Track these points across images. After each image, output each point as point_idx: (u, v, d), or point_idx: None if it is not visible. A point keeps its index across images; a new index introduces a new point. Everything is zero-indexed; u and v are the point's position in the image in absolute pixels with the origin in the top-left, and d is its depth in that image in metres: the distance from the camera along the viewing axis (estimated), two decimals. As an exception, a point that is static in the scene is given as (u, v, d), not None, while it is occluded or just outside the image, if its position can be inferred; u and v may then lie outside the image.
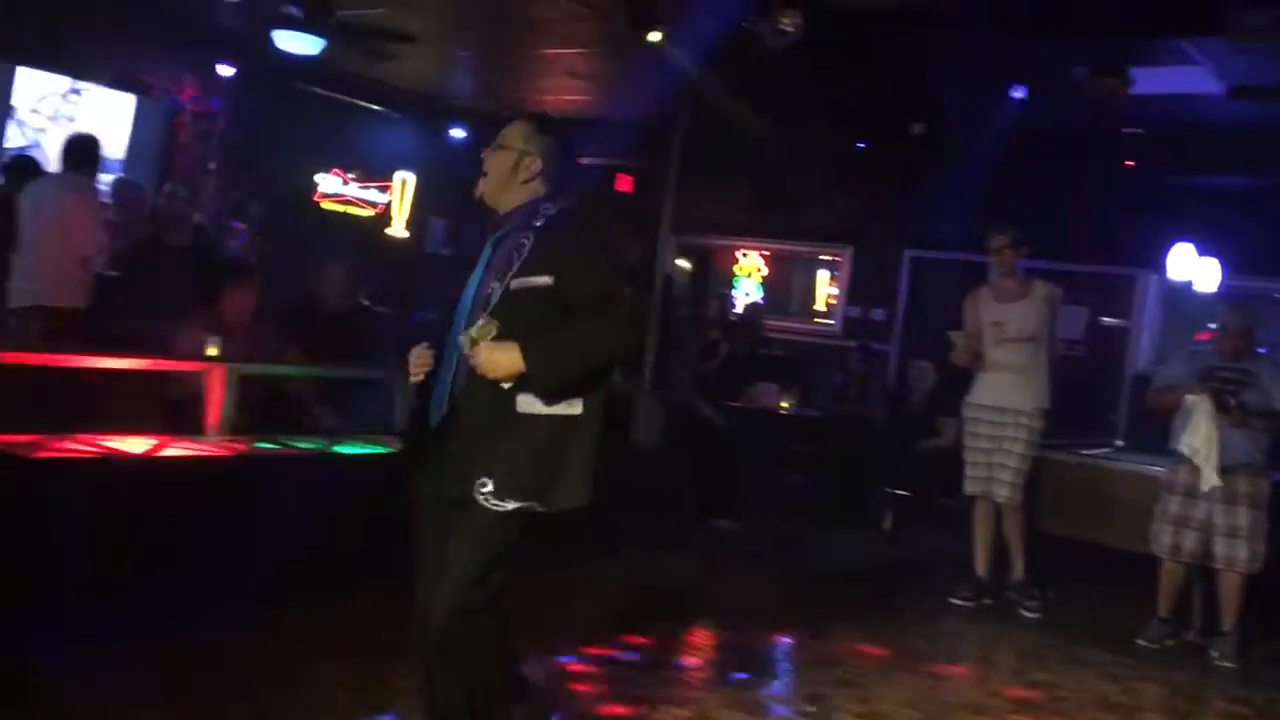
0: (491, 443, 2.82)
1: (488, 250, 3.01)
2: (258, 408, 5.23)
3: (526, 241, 2.89)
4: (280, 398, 5.59)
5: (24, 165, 7.15)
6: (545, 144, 3.03)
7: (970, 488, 5.75)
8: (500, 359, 2.74)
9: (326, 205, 10.83)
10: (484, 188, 3.04)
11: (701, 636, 5.05)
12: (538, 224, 2.92)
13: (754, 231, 11.51)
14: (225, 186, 9.30)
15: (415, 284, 9.56)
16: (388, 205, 11.35)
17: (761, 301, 11.27)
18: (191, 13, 8.25)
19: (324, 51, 7.42)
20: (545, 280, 2.83)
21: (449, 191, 11.31)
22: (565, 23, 7.37)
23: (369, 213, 11.20)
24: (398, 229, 11.42)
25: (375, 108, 10.88)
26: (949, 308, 6.22)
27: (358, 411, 5.80)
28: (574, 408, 2.86)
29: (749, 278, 11.90)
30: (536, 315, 2.81)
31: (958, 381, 6.07)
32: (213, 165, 9.59)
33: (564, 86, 9.49)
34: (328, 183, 10.79)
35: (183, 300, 5.85)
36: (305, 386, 5.69)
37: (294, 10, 6.87)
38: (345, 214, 11.00)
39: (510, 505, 2.82)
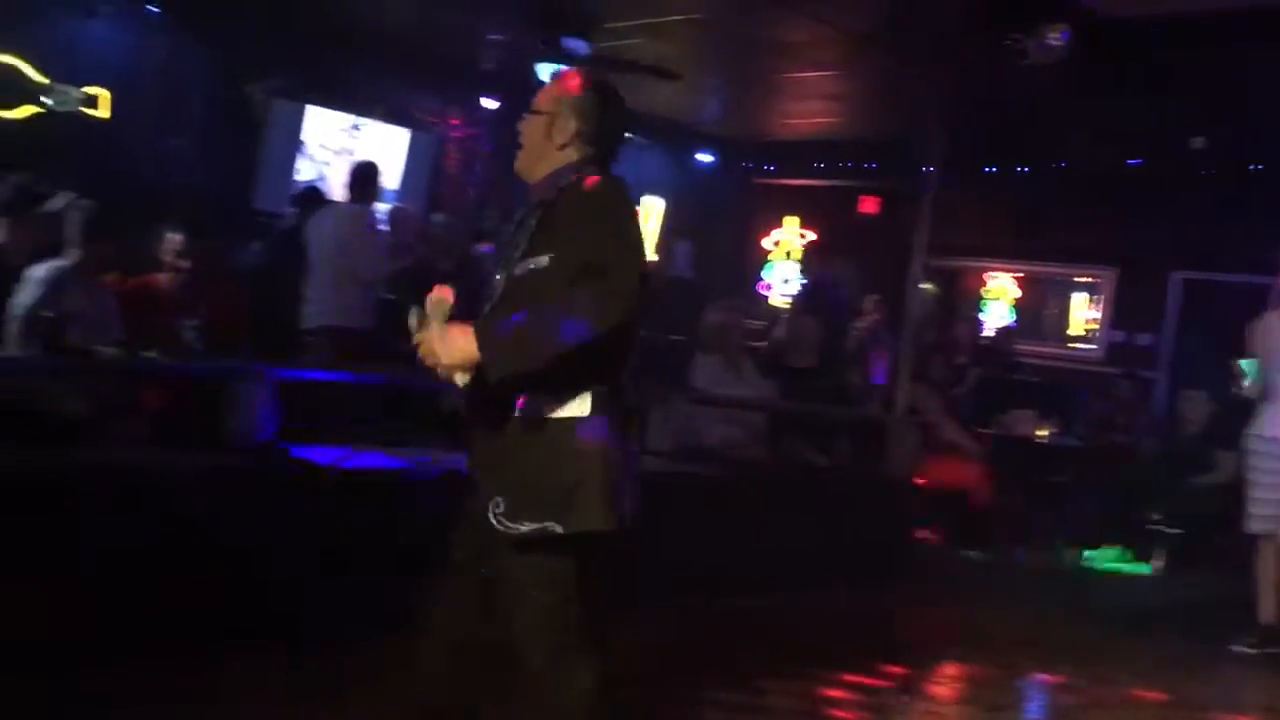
0: (500, 455, 2.46)
1: (506, 233, 2.69)
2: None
3: (534, 219, 2.55)
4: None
5: (311, 196, 7.75)
6: (580, 102, 2.61)
7: (1256, 526, 5.36)
8: (450, 342, 2.30)
9: (577, 230, 11.19)
10: (519, 160, 2.67)
11: (961, 670, 4.91)
12: (551, 197, 2.55)
13: (1006, 253, 11.12)
14: (485, 213, 9.76)
15: (660, 307, 9.74)
16: (635, 229, 11.61)
17: (1013, 325, 10.88)
18: (460, 52, 8.73)
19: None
20: (544, 260, 2.45)
21: (696, 216, 11.50)
22: (816, 46, 7.37)
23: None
24: (648, 255, 11.65)
25: (625, 135, 11.17)
26: (1224, 333, 5.84)
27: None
28: (581, 407, 2.40)
29: (998, 300, 11.52)
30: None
31: (1236, 413, 5.70)
32: (474, 193, 10.11)
33: (811, 109, 9.49)
34: (579, 208, 11.14)
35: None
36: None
37: (559, 43, 7.16)
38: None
39: (525, 527, 2.40)
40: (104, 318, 4.71)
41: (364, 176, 6.92)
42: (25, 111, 7.55)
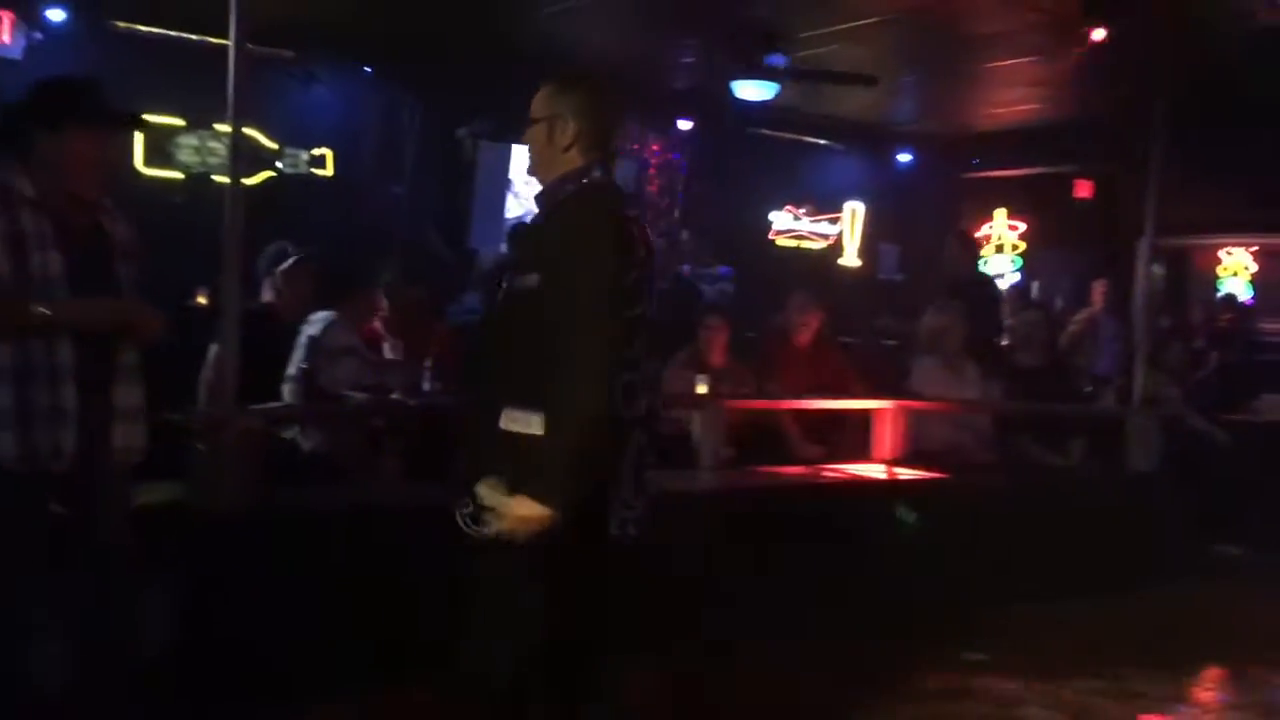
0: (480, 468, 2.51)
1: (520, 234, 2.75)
2: (742, 441, 5.50)
3: (533, 232, 2.58)
4: (762, 430, 5.84)
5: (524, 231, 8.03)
6: (575, 101, 2.61)
7: None
8: (522, 510, 2.39)
9: (781, 242, 11.18)
10: (529, 168, 2.72)
11: (1237, 673, 4.63)
12: (551, 209, 2.59)
13: (1240, 227, 10.43)
14: (691, 234, 9.87)
15: (869, 312, 9.61)
16: (839, 236, 11.51)
17: (1252, 302, 10.18)
18: (654, 77, 8.87)
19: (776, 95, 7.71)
20: (534, 280, 2.49)
21: (899, 218, 11.29)
22: (1021, 33, 7.12)
23: (821, 245, 11.43)
24: (850, 258, 11.54)
25: (821, 142, 11.10)
26: None
27: (834, 440, 5.94)
28: (531, 427, 2.44)
29: (1235, 277, 10.81)
30: (528, 325, 2.47)
31: None
32: (677, 214, 10.24)
33: (1014, 97, 9.17)
34: (781, 219, 11.15)
35: (664, 342, 6.31)
36: (786, 417, 5.89)
37: (755, 58, 7.18)
38: (798, 249, 11.29)
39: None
40: (365, 364, 5.01)
41: None
42: (261, 177, 8.13)
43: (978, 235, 11.74)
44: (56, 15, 7.46)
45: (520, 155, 9.42)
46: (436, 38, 7.86)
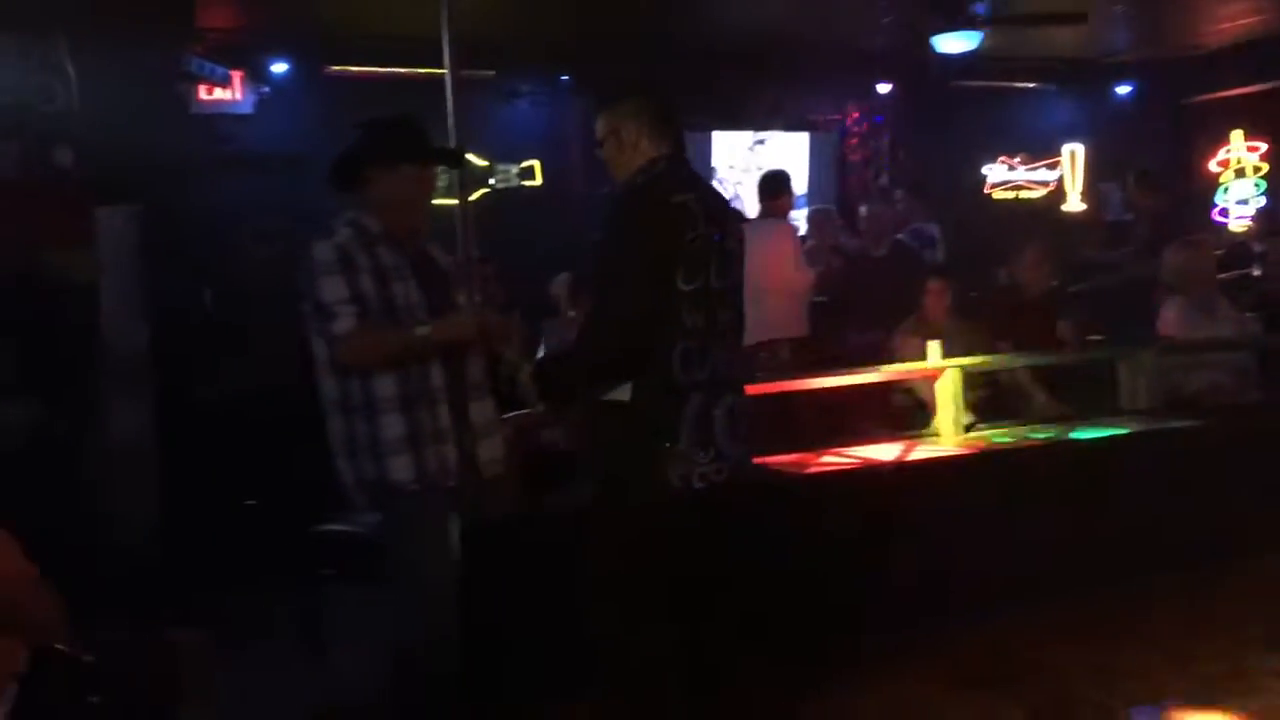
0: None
1: None
2: (978, 403, 5.34)
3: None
4: (998, 390, 5.65)
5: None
6: (629, 109, 2.95)
7: None
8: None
9: (998, 195, 10.79)
10: (613, 178, 3.00)
11: None
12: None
13: None
14: (905, 196, 9.63)
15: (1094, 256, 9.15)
16: (1059, 181, 11.00)
17: None
18: (849, 46, 8.71)
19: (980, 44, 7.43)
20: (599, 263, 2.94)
21: (1122, 155, 10.68)
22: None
23: (1040, 193, 10.95)
24: (1073, 203, 11.01)
25: (1031, 85, 10.63)
26: None
27: (1076, 394, 5.68)
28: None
29: None
30: None
31: None
32: (885, 179, 10.02)
33: (1240, 9, 8.51)
34: (996, 172, 10.75)
35: (890, 309, 6.20)
36: (1022, 375, 5.69)
37: (955, 10, 6.95)
38: (1016, 199, 10.86)
39: None
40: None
41: (772, 187, 7.02)
42: (477, 195, 8.47)
43: (1215, 161, 10.99)
44: (279, 68, 8.00)
45: (720, 140, 9.46)
46: (630, 37, 7.98)
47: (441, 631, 2.97)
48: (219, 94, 7.85)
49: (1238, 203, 10.87)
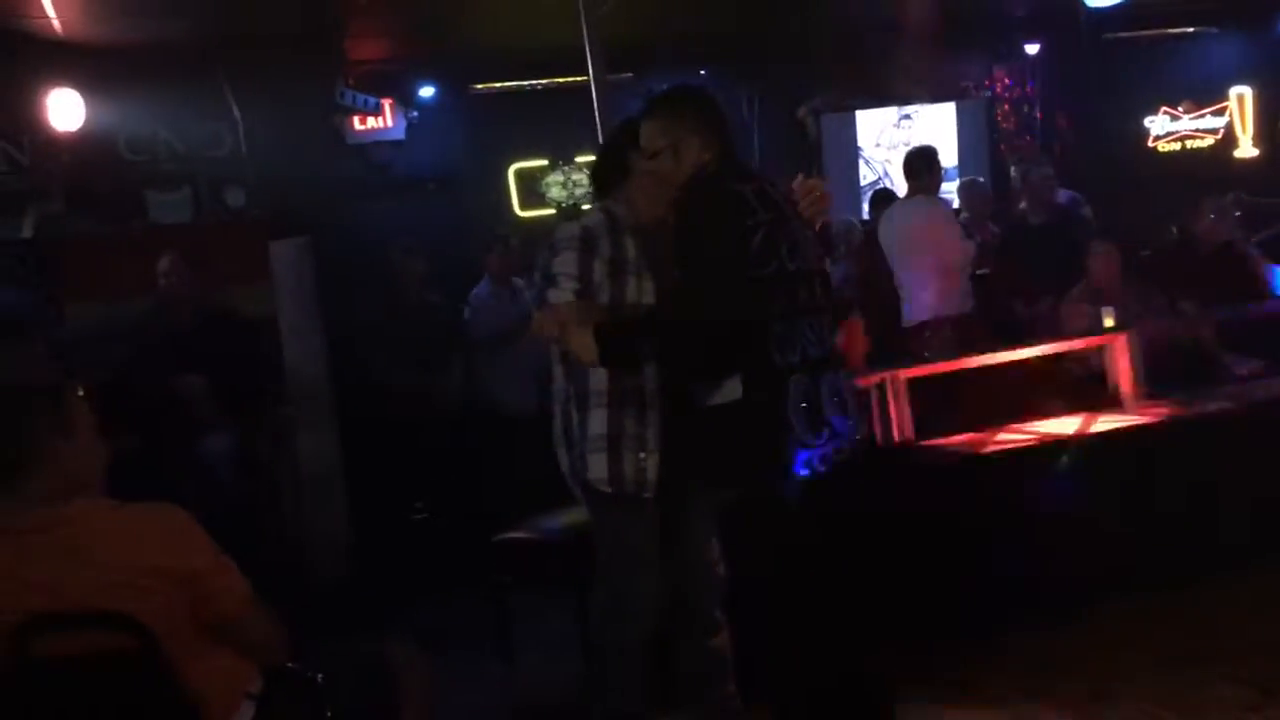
0: None
1: None
2: (1162, 367, 5.12)
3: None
4: (1182, 352, 5.41)
5: (883, 195, 7.90)
6: (688, 120, 2.90)
7: None
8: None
9: (1162, 148, 10.29)
10: (668, 187, 2.91)
11: None
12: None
13: None
14: (1057, 161, 9.30)
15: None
16: (1228, 127, 10.42)
17: None
18: (990, 8, 8.45)
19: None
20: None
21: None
22: None
23: (1208, 142, 10.39)
24: (1245, 149, 10.41)
25: (1190, 30, 10.09)
26: None
27: (1266, 351, 5.38)
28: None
29: None
30: None
31: None
32: (1037, 141, 9.68)
33: None
34: (1158, 124, 10.26)
35: (1056, 277, 5.99)
36: (1208, 334, 5.43)
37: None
38: (1182, 150, 10.34)
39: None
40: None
41: (918, 163, 6.80)
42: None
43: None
44: (427, 92, 8.24)
45: (865, 118, 9.30)
46: (760, 24, 7.93)
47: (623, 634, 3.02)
48: (371, 123, 8.13)
49: None
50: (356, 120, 8.08)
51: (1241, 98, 10.37)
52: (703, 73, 8.99)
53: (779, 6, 7.66)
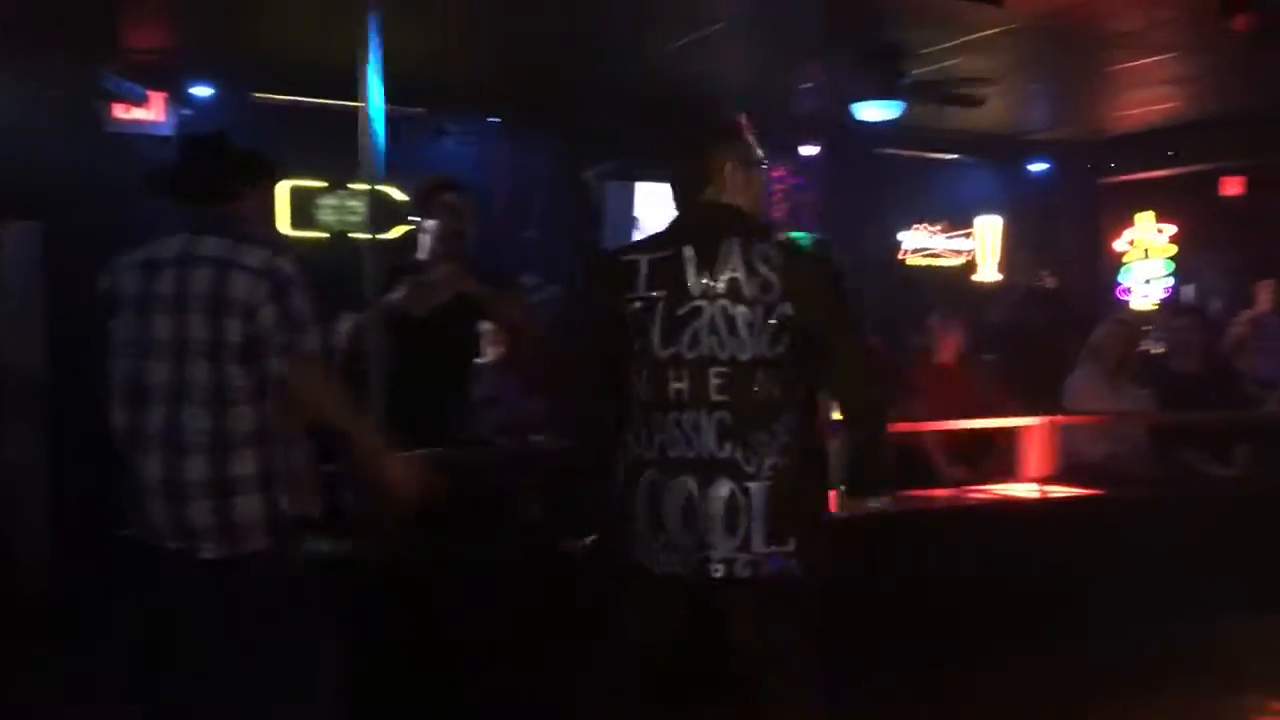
0: None
1: None
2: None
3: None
4: (905, 454, 5.72)
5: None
6: (734, 146, 2.86)
7: None
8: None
9: (912, 261, 10.99)
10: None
11: None
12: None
13: None
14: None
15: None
16: (974, 251, 11.26)
17: None
18: (775, 105, 8.85)
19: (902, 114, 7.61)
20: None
21: (1037, 228, 11.02)
22: (1153, 31, 6.87)
23: (956, 261, 11.19)
24: (986, 273, 11.27)
25: (951, 156, 10.89)
26: None
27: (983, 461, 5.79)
28: None
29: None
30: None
31: None
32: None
33: (1151, 97, 8.84)
34: (912, 238, 10.96)
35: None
36: (929, 440, 5.77)
37: (877, 82, 7.12)
38: (930, 267, 11.08)
39: None
40: (511, 406, 5.10)
41: None
42: (399, 232, 8.39)
43: (1118, 242, 11.37)
44: (203, 91, 7.87)
45: (645, 190, 9.50)
46: (561, 84, 8.01)
47: None
48: (138, 114, 7.69)
49: (1144, 282, 11.23)
50: (120, 109, 7.62)
51: (990, 226, 11.24)
52: (495, 120, 9.02)
53: (579, 69, 7.77)
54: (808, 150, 9.96)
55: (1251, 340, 7.68)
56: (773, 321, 2.57)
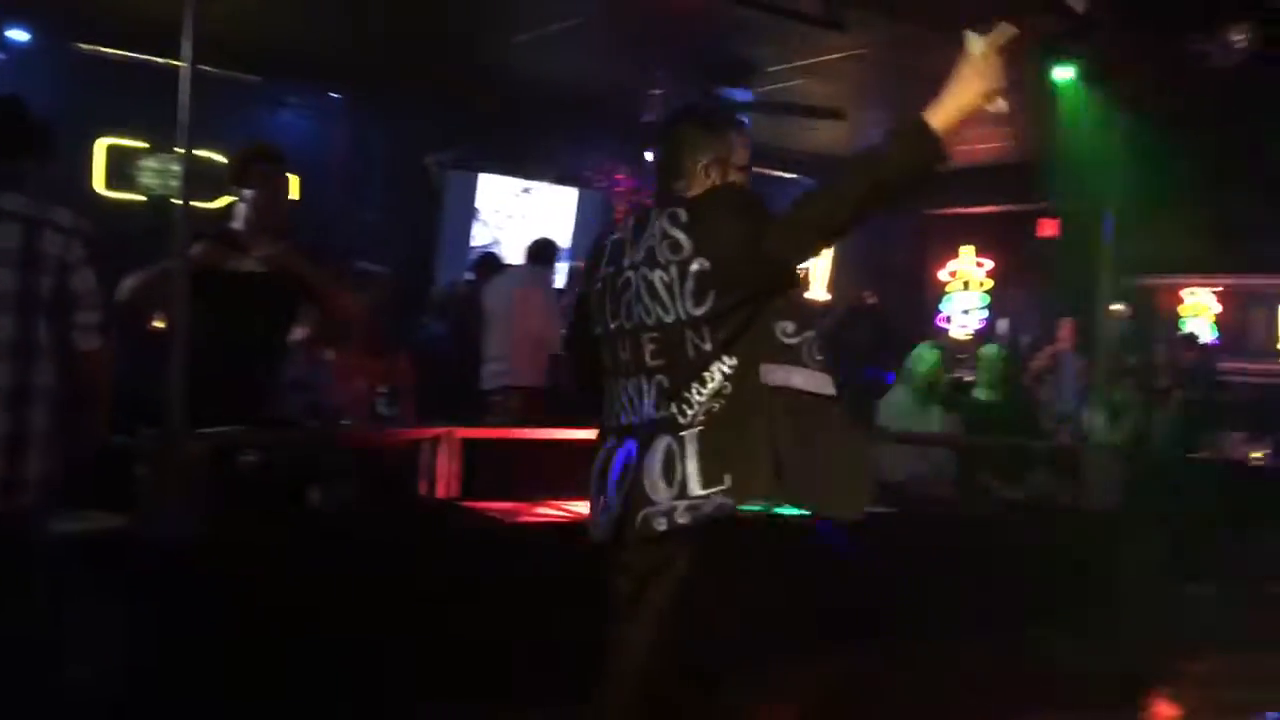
0: None
1: None
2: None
3: None
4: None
5: (488, 261, 8.01)
6: (715, 147, 2.68)
7: None
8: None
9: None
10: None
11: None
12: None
13: (1203, 267, 10.54)
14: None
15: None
16: (805, 270, 11.55)
17: (1215, 342, 10.29)
18: (622, 110, 8.90)
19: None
20: None
21: (867, 252, 11.40)
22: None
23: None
24: (818, 292, 11.59)
25: (789, 176, 11.16)
26: None
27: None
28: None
29: (1197, 317, 10.92)
30: None
31: None
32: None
33: (977, 135, 9.25)
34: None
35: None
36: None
37: (721, 92, 7.22)
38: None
39: None
40: (323, 389, 4.94)
41: (544, 253, 7.22)
42: (224, 201, 8.08)
43: (941, 273, 11.85)
44: (19, 35, 7.41)
45: (488, 182, 9.42)
46: (406, 66, 7.87)
47: None
48: (-57, 51, 7.20)
49: (962, 312, 11.75)
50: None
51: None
52: (336, 96, 8.79)
53: (427, 50, 7.64)
54: (651, 156, 10.05)
55: (1049, 374, 8.11)
56: (689, 281, 2.55)
